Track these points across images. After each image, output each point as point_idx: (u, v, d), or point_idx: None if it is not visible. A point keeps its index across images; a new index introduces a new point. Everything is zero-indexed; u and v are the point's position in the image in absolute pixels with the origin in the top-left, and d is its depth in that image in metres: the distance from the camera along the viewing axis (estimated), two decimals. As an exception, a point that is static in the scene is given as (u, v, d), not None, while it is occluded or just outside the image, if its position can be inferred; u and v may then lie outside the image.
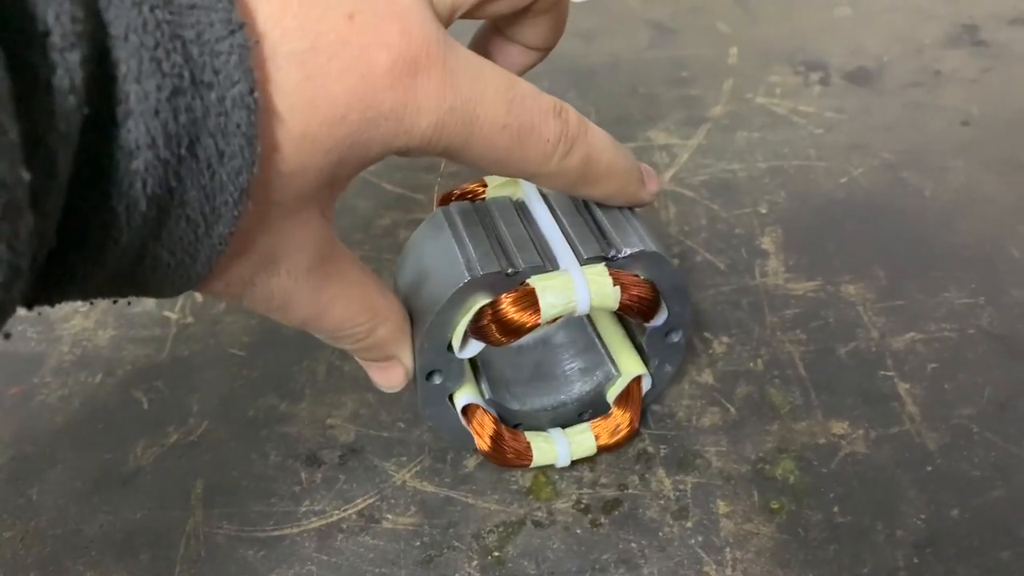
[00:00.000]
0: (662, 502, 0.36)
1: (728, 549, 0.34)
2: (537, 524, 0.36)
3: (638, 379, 0.37)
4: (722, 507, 0.35)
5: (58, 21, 0.17)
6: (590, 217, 0.34)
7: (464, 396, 0.35)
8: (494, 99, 0.26)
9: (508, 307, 0.32)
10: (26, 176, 0.16)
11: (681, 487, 0.36)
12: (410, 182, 0.55)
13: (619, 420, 0.37)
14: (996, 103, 0.58)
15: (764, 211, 0.50)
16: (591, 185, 0.32)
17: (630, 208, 0.35)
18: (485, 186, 0.37)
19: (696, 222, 0.50)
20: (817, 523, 0.34)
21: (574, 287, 0.32)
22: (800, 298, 0.44)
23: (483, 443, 0.35)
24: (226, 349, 0.45)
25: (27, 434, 0.41)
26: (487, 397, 0.36)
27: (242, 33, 0.20)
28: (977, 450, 0.37)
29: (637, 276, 0.33)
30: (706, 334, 0.43)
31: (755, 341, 0.42)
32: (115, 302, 0.24)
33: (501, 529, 0.35)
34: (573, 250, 0.33)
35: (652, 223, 0.35)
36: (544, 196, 0.35)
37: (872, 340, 0.42)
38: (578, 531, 0.35)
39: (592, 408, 0.38)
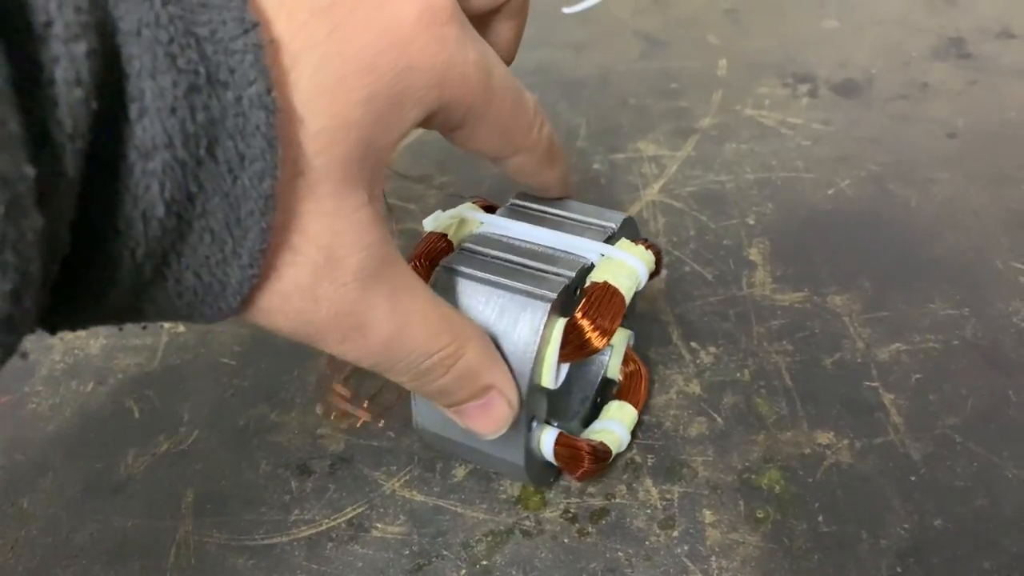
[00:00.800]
0: (649, 511, 0.36)
1: (714, 558, 0.34)
2: (525, 533, 0.36)
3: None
4: (708, 516, 0.36)
5: (60, 11, 0.16)
6: (552, 212, 0.35)
7: (549, 433, 0.34)
8: (497, 61, 0.27)
9: (593, 311, 0.31)
10: (30, 172, 0.16)
11: (668, 496, 0.37)
12: (402, 193, 0.55)
13: (635, 381, 0.39)
14: (981, 116, 0.59)
15: (752, 222, 0.51)
16: (551, 165, 0.33)
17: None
18: (443, 236, 0.35)
19: (684, 233, 0.50)
20: (802, 532, 0.35)
21: (630, 264, 0.33)
22: (787, 309, 0.45)
23: (574, 461, 0.35)
24: (217, 358, 0.45)
25: (18, 443, 0.41)
26: (555, 425, 0.35)
27: (256, 32, 0.20)
28: (960, 460, 0.37)
29: (644, 239, 0.35)
30: (693, 344, 0.43)
31: (742, 352, 0.43)
32: (144, 327, 0.23)
33: (489, 538, 0.36)
34: (587, 239, 0.34)
35: (641, 233, 0.36)
36: (499, 216, 0.36)
37: (857, 351, 0.42)
38: (566, 540, 0.35)
39: (602, 391, 0.39)
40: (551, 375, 0.32)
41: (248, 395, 0.43)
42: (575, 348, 0.31)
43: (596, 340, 0.31)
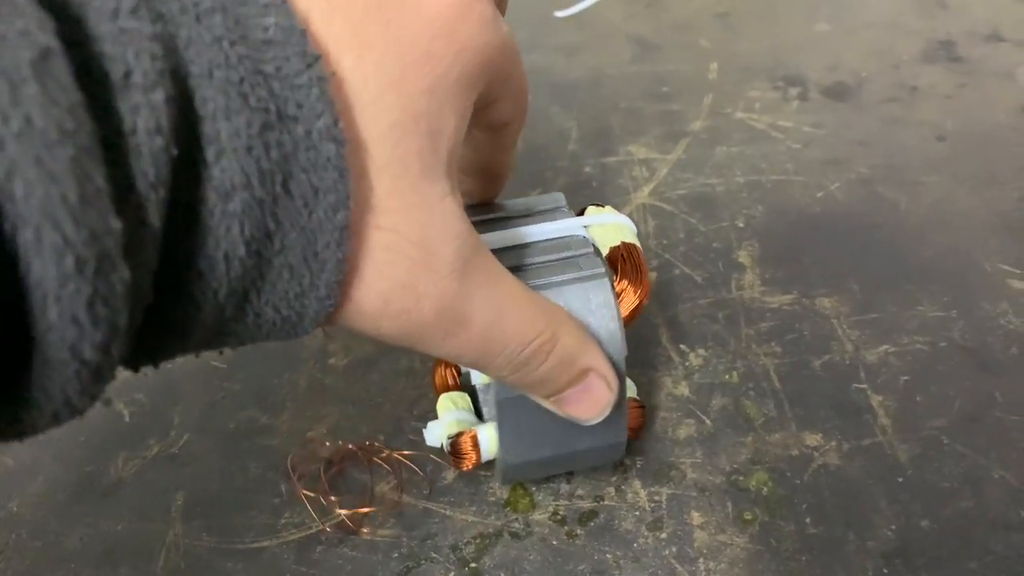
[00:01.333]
0: (637, 513, 0.36)
1: (701, 560, 0.34)
2: (514, 535, 0.36)
3: None
4: (696, 518, 0.36)
5: (138, 60, 0.16)
6: (508, 213, 0.35)
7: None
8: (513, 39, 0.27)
9: (630, 273, 0.33)
10: (117, 225, 0.16)
11: (656, 498, 0.37)
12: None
13: None
14: (971, 119, 0.59)
15: (741, 225, 0.51)
16: (514, 147, 0.33)
17: None
18: None
19: (675, 236, 0.50)
20: (789, 534, 0.35)
21: (620, 222, 0.35)
22: (776, 311, 0.45)
23: (636, 419, 0.36)
24: (207, 362, 0.45)
25: (7, 447, 0.41)
26: None
27: (319, 65, 0.20)
28: (947, 461, 0.37)
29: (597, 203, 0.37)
30: (683, 346, 0.43)
31: (731, 354, 0.43)
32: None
33: (478, 540, 0.36)
34: (562, 220, 0.34)
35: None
36: None
37: (846, 353, 0.42)
38: (554, 542, 0.36)
39: None
40: (625, 344, 0.32)
41: (238, 398, 0.43)
42: (632, 311, 0.33)
43: (644, 296, 0.33)
